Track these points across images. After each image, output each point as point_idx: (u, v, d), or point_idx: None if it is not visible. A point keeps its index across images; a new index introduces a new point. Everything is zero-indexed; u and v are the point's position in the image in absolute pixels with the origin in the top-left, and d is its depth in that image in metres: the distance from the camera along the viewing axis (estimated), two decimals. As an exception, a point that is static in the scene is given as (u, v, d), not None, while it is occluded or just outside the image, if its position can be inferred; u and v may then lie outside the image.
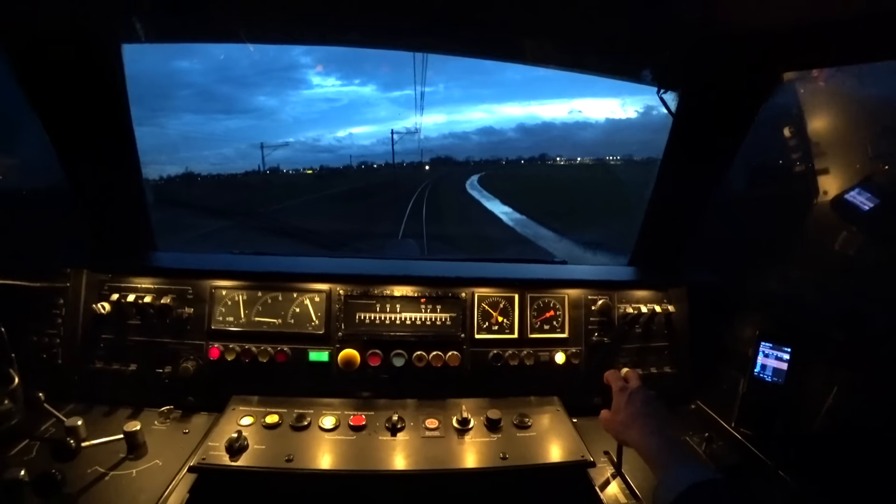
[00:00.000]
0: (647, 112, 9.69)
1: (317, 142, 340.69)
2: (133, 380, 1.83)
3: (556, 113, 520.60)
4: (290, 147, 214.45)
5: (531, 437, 1.66)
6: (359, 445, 1.59)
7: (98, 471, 1.46)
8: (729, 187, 2.05)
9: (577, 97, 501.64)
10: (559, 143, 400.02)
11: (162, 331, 1.87)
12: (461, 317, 1.95)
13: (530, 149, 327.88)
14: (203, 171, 42.83)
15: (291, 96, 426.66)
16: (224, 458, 1.47)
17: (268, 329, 1.89)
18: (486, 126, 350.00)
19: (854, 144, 1.71)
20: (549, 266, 2.45)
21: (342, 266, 2.14)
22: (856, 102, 1.69)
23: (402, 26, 1.77)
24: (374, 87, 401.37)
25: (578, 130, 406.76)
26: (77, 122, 1.80)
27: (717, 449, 1.66)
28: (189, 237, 6.19)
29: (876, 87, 1.63)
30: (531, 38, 1.76)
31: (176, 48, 18.27)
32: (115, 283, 1.90)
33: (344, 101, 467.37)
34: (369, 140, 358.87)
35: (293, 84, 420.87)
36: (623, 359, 2.00)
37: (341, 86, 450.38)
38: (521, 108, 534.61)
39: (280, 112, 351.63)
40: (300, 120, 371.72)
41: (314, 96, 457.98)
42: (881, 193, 1.59)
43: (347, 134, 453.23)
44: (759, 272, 2.02)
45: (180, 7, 1.52)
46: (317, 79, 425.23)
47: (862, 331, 1.57)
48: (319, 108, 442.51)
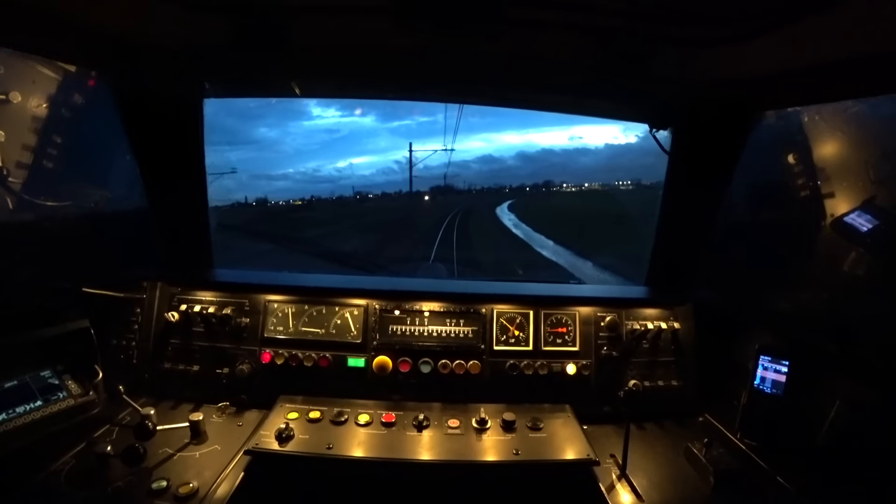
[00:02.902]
0: (648, 137, 9.37)
1: (316, 172, 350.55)
2: (196, 379, 2.10)
3: (555, 140, 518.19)
4: (288, 178, 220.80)
5: (542, 438, 1.83)
6: (389, 439, 1.80)
7: (167, 451, 1.73)
8: (731, 213, 2.21)
9: (576, 124, 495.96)
10: (560, 170, 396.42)
11: (222, 337, 2.15)
12: (482, 330, 2.16)
13: (532, 176, 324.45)
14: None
15: (292, 127, 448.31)
16: (274, 444, 1.71)
17: (312, 338, 2.15)
18: (485, 154, 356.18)
19: (854, 170, 1.78)
20: (564, 285, 2.65)
21: (378, 283, 2.41)
22: (856, 128, 1.76)
23: (434, 86, 2.12)
24: (373, 118, 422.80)
25: (579, 156, 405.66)
26: (163, 160, 2.17)
27: (717, 455, 1.77)
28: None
29: (876, 112, 1.71)
30: (546, 92, 2.08)
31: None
32: (183, 296, 2.21)
33: (344, 131, 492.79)
34: (369, 170, 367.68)
35: (294, 115, 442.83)
36: (631, 372, 2.15)
37: (341, 116, 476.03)
38: (519, 136, 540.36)
39: (281, 143, 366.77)
40: (301, 151, 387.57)
41: (315, 127, 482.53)
42: (881, 215, 1.66)
43: (348, 164, 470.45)
44: (761, 291, 2.14)
45: (253, 74, 1.91)
46: (317, 110, 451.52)
47: (853, 344, 1.70)
48: (320, 139, 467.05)
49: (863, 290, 1.73)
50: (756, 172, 2.10)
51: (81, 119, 1.89)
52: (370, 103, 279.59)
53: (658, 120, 2.07)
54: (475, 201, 30.26)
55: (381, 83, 2.13)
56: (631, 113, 2.21)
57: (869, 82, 1.49)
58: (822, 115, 1.81)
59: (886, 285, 1.65)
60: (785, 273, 2.03)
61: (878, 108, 1.67)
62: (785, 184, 1.99)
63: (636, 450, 1.79)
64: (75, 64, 1.75)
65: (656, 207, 2.38)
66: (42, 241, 1.81)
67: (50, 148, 1.75)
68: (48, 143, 1.74)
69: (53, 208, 1.81)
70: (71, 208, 1.91)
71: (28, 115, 1.65)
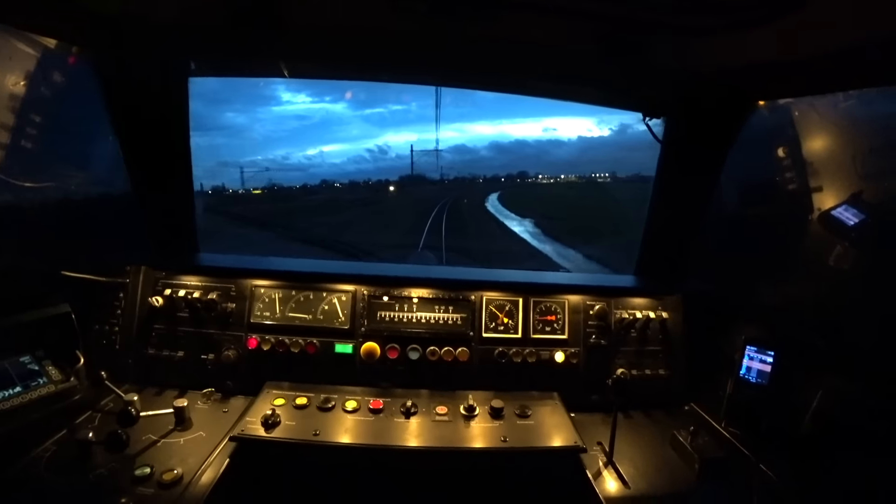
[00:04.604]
0: (622, 130, 9.20)
1: (286, 160, 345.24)
2: (181, 365, 2.07)
3: (528, 131, 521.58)
4: (257, 165, 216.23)
5: (530, 425, 1.84)
6: (376, 425, 1.79)
7: (151, 438, 1.70)
8: (720, 205, 2.22)
9: (550, 116, 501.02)
10: (534, 162, 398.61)
11: (207, 323, 2.12)
12: (471, 317, 2.16)
13: (506, 167, 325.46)
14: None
15: (261, 113, 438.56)
16: (260, 430, 1.70)
17: (300, 323, 2.13)
18: (458, 144, 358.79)
19: (843, 164, 1.79)
20: (553, 273, 2.65)
21: (366, 269, 2.39)
22: (846, 124, 1.78)
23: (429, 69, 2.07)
24: (345, 105, 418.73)
25: (553, 148, 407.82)
26: (147, 141, 2.11)
27: (702, 443, 1.79)
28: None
29: (865, 108, 1.73)
30: (542, 78, 2.05)
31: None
32: (168, 280, 2.17)
33: (315, 118, 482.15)
34: (340, 159, 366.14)
35: (263, 100, 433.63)
36: (619, 360, 2.16)
37: (312, 103, 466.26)
38: (493, 127, 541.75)
39: (249, 130, 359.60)
40: (270, 138, 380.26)
41: (284, 113, 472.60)
42: (868, 210, 1.69)
43: (318, 152, 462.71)
44: (749, 282, 2.17)
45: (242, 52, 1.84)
46: (287, 95, 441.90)
47: (838, 337, 1.72)
48: (290, 126, 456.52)
49: (848, 284, 1.75)
50: (747, 166, 2.11)
51: (62, 98, 1.83)
52: (342, 89, 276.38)
53: (652, 108, 2.06)
54: (450, 196, 27.86)
55: (376, 65, 2.08)
56: (625, 101, 2.19)
57: (865, 73, 1.48)
58: (813, 109, 1.81)
59: (871, 279, 1.67)
60: (773, 265, 2.04)
61: (867, 104, 1.68)
62: (775, 177, 2.00)
63: (623, 438, 1.81)
64: (53, 37, 1.68)
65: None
66: (20, 224, 1.75)
67: (28, 127, 1.69)
68: (26, 123, 1.67)
69: (32, 190, 1.75)
70: (51, 190, 1.85)
71: (4, 93, 1.58)
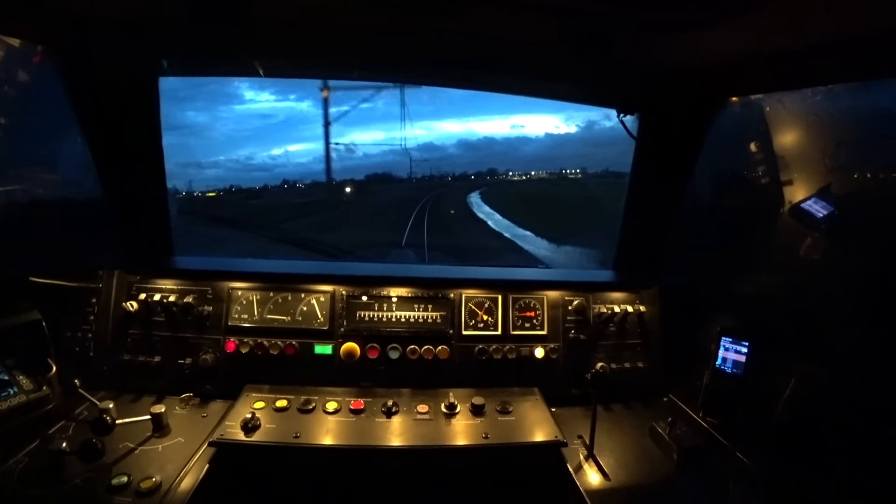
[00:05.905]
0: (589, 127, 9.29)
1: (250, 160, 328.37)
2: (157, 370, 2.04)
3: (496, 129, 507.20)
4: (220, 166, 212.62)
5: (511, 421, 1.85)
6: (358, 426, 1.79)
7: (128, 446, 1.67)
8: (695, 199, 2.25)
9: (518, 113, 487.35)
10: (503, 158, 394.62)
11: (184, 327, 2.09)
12: (450, 315, 2.16)
13: (474, 164, 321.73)
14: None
15: (223, 112, 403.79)
16: (240, 434, 1.68)
17: (278, 325, 2.10)
18: (426, 142, 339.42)
19: (812, 158, 1.84)
20: (532, 269, 2.66)
21: (344, 269, 2.37)
22: (814, 118, 1.82)
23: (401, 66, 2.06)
24: (311, 103, 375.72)
25: (521, 145, 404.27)
26: (117, 142, 2.06)
27: (680, 434, 1.82)
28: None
29: (833, 103, 1.76)
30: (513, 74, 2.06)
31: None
32: (142, 284, 2.13)
33: (280, 117, 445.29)
34: (306, 158, 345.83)
35: (225, 98, 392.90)
36: (599, 354, 2.19)
37: (276, 101, 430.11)
38: (460, 125, 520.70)
39: (210, 129, 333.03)
40: (232, 138, 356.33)
41: (247, 112, 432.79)
42: (835, 202, 1.72)
43: (283, 152, 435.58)
44: (724, 274, 2.19)
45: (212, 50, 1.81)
46: (250, 93, 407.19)
47: (808, 325, 1.77)
48: (253, 125, 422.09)
49: (817, 274, 1.79)
50: (720, 160, 2.13)
51: (28, 98, 1.77)
52: (307, 87, 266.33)
53: (625, 105, 2.07)
54: (426, 197, 27.52)
55: (346, 62, 2.06)
56: (599, 98, 2.20)
57: (834, 69, 1.51)
58: (783, 104, 1.85)
59: (839, 269, 1.71)
60: (746, 257, 2.08)
61: (834, 99, 1.71)
62: (747, 171, 2.04)
63: (603, 430, 1.82)
64: (18, 37, 1.63)
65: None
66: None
67: (-8, 129, 1.64)
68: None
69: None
70: (18, 193, 1.80)
71: (-35, 94, 1.54)
